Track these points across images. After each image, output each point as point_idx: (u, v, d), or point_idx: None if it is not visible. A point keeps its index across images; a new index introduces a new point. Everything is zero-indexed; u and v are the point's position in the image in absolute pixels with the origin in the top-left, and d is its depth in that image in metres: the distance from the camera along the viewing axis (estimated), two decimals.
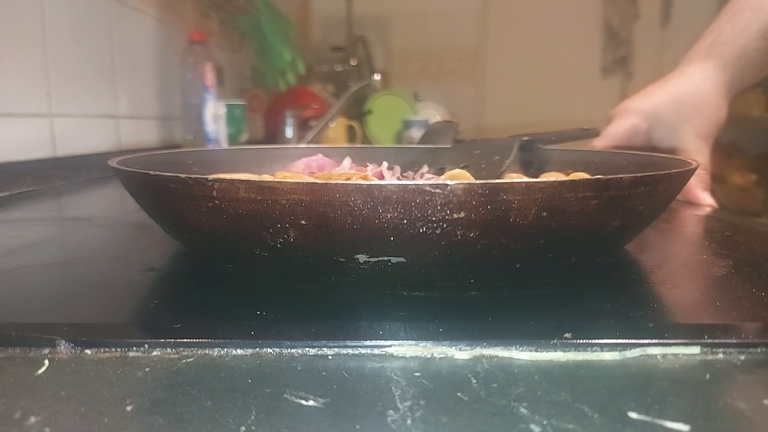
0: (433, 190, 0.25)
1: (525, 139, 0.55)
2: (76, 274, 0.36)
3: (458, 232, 0.26)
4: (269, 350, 0.24)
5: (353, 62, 1.99)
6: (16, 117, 0.76)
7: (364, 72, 2.00)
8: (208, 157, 0.55)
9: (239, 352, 0.24)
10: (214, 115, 1.15)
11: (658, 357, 0.23)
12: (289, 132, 1.48)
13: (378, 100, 1.76)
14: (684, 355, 0.24)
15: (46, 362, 0.23)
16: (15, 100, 0.76)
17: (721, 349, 0.24)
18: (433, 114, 1.75)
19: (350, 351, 0.24)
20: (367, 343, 0.24)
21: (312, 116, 1.54)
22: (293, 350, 0.24)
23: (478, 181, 0.25)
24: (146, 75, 1.16)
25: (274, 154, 0.59)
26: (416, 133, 1.57)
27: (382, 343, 0.24)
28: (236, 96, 1.56)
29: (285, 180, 0.26)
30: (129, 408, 0.20)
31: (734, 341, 0.24)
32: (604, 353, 0.24)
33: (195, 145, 1.20)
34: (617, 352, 0.24)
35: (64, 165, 0.84)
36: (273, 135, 1.61)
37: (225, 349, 0.24)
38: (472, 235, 0.27)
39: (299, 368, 0.23)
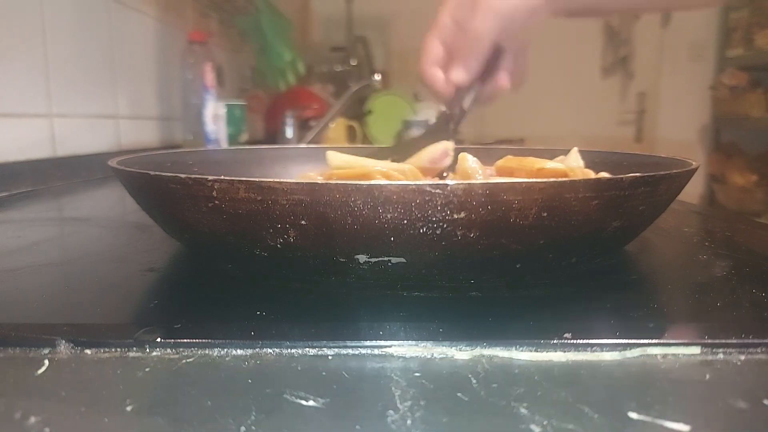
0: (433, 191, 0.25)
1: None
2: (76, 274, 0.36)
3: (458, 233, 0.26)
4: (269, 350, 0.24)
5: (353, 62, 1.99)
6: (16, 117, 0.76)
7: (364, 72, 1.99)
8: (208, 157, 0.55)
9: (239, 352, 0.24)
10: (214, 115, 1.15)
11: (659, 357, 0.23)
12: (289, 132, 1.47)
13: (378, 100, 1.75)
14: (684, 355, 0.24)
15: (46, 362, 0.23)
16: (15, 100, 0.76)
17: (721, 350, 0.24)
18: (434, 114, 1.75)
19: (350, 351, 0.24)
20: (367, 343, 0.24)
21: (312, 116, 1.54)
22: (293, 350, 0.24)
23: (479, 182, 0.25)
24: (146, 75, 1.16)
25: (274, 154, 0.59)
26: (416, 133, 1.57)
27: (382, 343, 0.24)
28: (236, 96, 1.56)
29: (285, 180, 0.26)
30: (129, 408, 0.20)
31: (734, 341, 0.24)
32: (605, 353, 0.24)
33: (195, 146, 1.20)
34: (617, 352, 0.24)
35: (64, 165, 0.84)
36: (273, 135, 1.61)
37: (225, 349, 0.24)
38: (472, 235, 0.27)
39: (299, 368, 0.22)
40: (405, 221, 0.26)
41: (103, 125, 0.98)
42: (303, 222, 0.27)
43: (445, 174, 0.48)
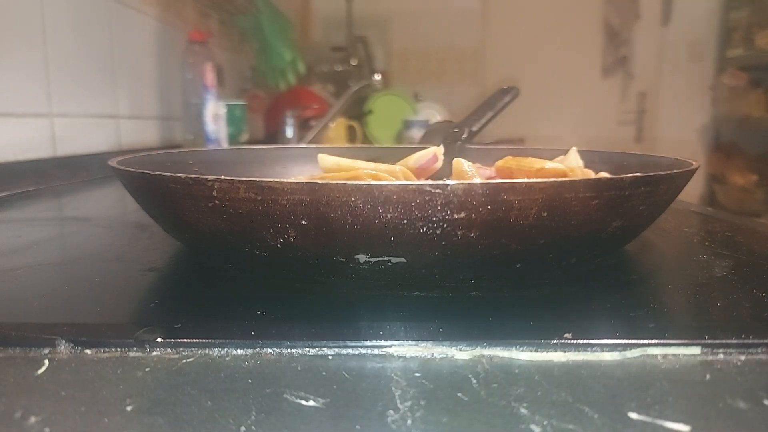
0: (433, 191, 0.25)
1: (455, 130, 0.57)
2: (77, 274, 0.36)
3: (458, 232, 0.26)
4: (269, 350, 0.24)
5: (353, 62, 1.99)
6: (17, 117, 0.76)
7: (364, 72, 1.99)
8: (208, 157, 0.55)
9: (239, 352, 0.24)
10: (215, 115, 1.15)
11: (659, 357, 0.23)
12: (290, 132, 1.47)
13: (378, 100, 1.75)
14: (684, 355, 0.24)
15: (46, 362, 0.23)
16: (15, 100, 0.76)
17: (721, 350, 0.24)
18: (434, 114, 1.75)
19: (350, 351, 0.24)
20: (367, 343, 0.24)
21: (312, 116, 1.54)
22: (293, 350, 0.24)
23: (479, 181, 0.25)
24: (146, 75, 1.16)
25: (274, 154, 0.59)
26: (416, 133, 1.57)
27: (383, 343, 0.24)
28: (236, 96, 1.56)
29: (285, 180, 0.26)
30: (129, 408, 0.20)
31: (734, 341, 0.24)
32: (605, 353, 0.24)
33: (195, 145, 1.20)
34: (617, 353, 0.24)
35: (64, 165, 0.84)
36: (273, 135, 1.61)
37: (225, 349, 0.24)
38: (472, 235, 0.26)
39: (299, 368, 0.22)
40: (405, 221, 0.26)
41: (103, 125, 0.98)
42: (303, 222, 0.27)
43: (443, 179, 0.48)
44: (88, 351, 0.24)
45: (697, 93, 2.65)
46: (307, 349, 0.24)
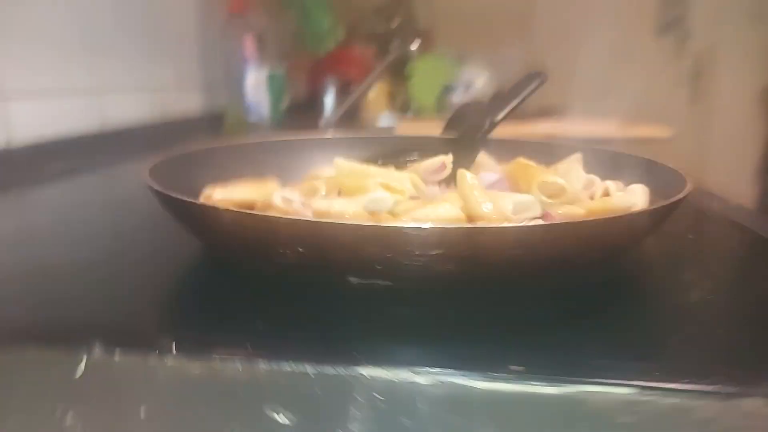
0: (411, 233, 0.28)
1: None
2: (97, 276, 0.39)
3: (436, 266, 0.29)
4: (260, 366, 0.26)
5: (395, 24, 1.97)
6: (60, 93, 0.80)
7: (406, 34, 1.98)
8: (238, 152, 0.58)
9: (235, 364, 0.26)
10: (255, 84, 1.18)
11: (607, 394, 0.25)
12: (330, 96, 1.50)
13: (420, 63, 1.75)
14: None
15: (83, 361, 0.26)
16: (58, 76, 0.79)
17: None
18: (477, 77, 1.74)
19: (327, 370, 0.26)
20: (339, 364, 0.26)
21: (353, 80, 1.56)
22: (278, 366, 0.26)
23: (453, 225, 0.28)
24: (188, 46, 1.19)
25: (301, 145, 0.62)
26: (458, 97, 1.57)
27: (352, 364, 0.26)
28: (277, 63, 1.58)
29: (282, 216, 0.29)
30: (142, 413, 0.23)
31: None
32: (548, 387, 0.25)
33: (237, 115, 1.23)
34: (558, 387, 0.25)
35: (110, 139, 0.88)
36: (314, 100, 1.64)
37: (224, 362, 0.26)
38: (449, 268, 0.29)
39: (281, 384, 0.25)
40: (389, 254, 0.29)
41: (147, 97, 1.02)
42: (300, 250, 0.30)
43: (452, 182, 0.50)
44: (112, 354, 0.26)
45: (760, 54, 2.53)
46: (290, 364, 0.26)
